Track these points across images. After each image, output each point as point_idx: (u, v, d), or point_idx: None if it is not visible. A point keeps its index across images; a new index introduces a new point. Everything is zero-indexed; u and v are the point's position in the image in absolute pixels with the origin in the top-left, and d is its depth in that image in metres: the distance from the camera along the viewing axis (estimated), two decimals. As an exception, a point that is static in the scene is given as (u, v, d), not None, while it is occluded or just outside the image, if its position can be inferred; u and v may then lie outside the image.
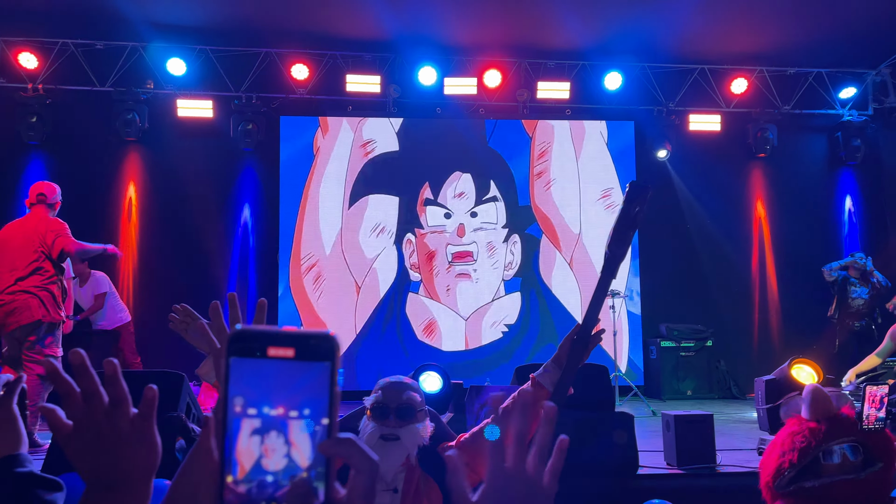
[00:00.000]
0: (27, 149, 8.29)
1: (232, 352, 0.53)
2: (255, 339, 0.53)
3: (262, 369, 0.53)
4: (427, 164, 8.84)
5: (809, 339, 8.24)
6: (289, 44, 8.44)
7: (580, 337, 1.86)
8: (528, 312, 8.76)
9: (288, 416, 0.53)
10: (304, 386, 0.53)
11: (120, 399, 0.75)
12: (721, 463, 3.75)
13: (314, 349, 0.53)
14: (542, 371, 2.04)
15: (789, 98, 9.20)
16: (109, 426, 0.74)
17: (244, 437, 0.53)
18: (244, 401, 0.53)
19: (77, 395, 0.74)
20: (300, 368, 0.53)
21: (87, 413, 0.74)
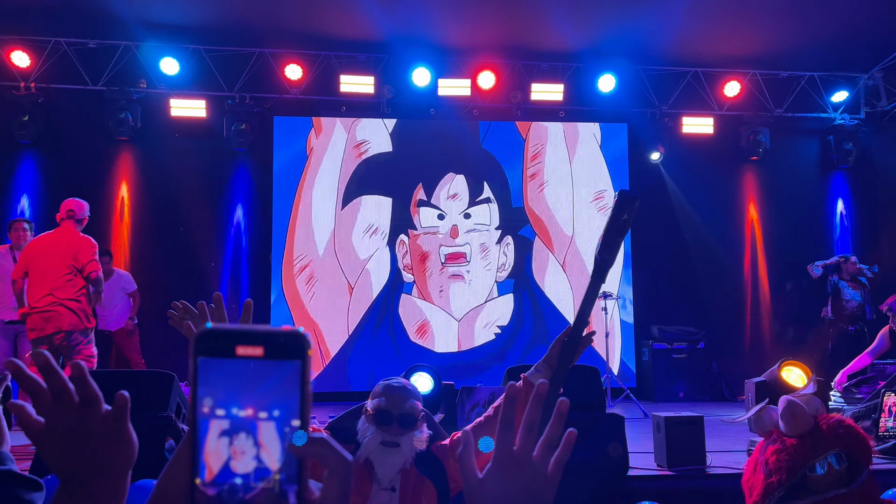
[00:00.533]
0: (19, 148, 8.26)
1: (199, 351, 0.52)
2: (223, 338, 0.52)
3: (230, 369, 0.52)
4: (420, 166, 8.84)
5: (801, 341, 8.28)
6: (282, 44, 8.42)
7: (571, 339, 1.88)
8: (520, 314, 8.76)
9: (257, 416, 0.52)
10: (274, 386, 0.52)
11: (90, 398, 0.76)
12: (711, 464, 3.76)
13: (284, 347, 0.52)
14: (533, 371, 2.06)
15: (782, 101, 9.23)
16: (80, 424, 0.75)
17: (213, 439, 0.52)
18: (213, 401, 0.52)
19: (46, 393, 0.75)
20: (270, 367, 0.52)
21: (56, 411, 0.75)
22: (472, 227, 8.82)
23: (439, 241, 8.75)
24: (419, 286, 8.68)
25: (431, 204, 8.80)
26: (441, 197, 8.83)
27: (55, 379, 0.75)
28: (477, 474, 0.79)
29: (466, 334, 8.67)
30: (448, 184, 8.86)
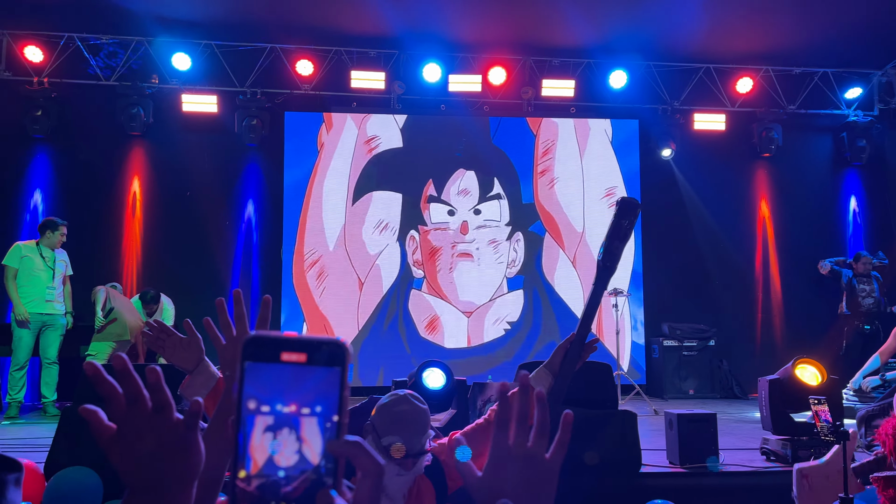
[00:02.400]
0: (32, 142, 8.30)
1: (247, 356, 0.56)
2: (269, 345, 0.56)
3: (274, 372, 0.56)
4: (431, 161, 8.84)
5: (813, 339, 8.23)
6: (294, 39, 8.43)
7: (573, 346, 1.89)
8: (530, 310, 8.76)
9: (299, 412, 0.55)
10: (315, 386, 0.56)
11: (163, 405, 0.74)
12: (724, 462, 3.75)
13: (325, 355, 0.56)
14: (534, 375, 2.06)
15: (795, 98, 9.18)
16: (152, 431, 0.74)
17: (257, 434, 0.55)
18: (258, 400, 0.55)
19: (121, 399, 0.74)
20: (311, 372, 0.56)
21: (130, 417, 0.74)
22: (482, 223, 8.81)
23: (450, 237, 8.75)
24: (429, 282, 8.69)
25: (441, 200, 8.80)
26: (451, 193, 8.83)
27: (131, 384, 0.74)
28: (476, 474, 0.82)
29: (476, 330, 8.67)
30: (458, 179, 8.85)
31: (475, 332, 8.67)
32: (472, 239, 8.78)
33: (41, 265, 6.27)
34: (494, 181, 8.90)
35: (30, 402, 6.94)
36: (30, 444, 4.68)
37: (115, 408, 0.74)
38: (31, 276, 6.21)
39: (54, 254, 6.42)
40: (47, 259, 6.33)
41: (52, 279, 6.30)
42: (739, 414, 6.70)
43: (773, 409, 3.85)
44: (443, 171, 8.85)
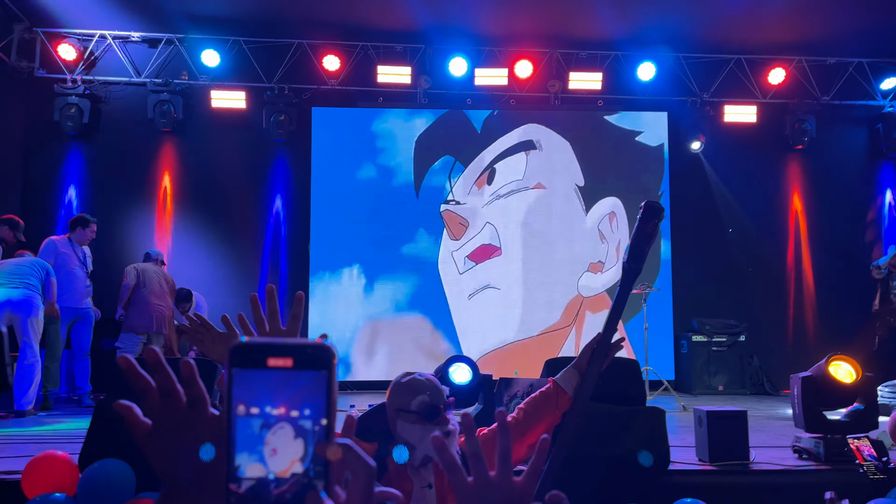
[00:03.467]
0: (66, 139, 8.47)
1: (234, 363, 0.56)
2: (255, 350, 0.56)
3: (262, 377, 0.56)
4: (459, 151, 8.84)
5: (847, 335, 8.08)
6: (321, 35, 8.47)
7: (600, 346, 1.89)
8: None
9: (288, 415, 0.56)
10: (303, 389, 0.56)
11: (197, 398, 0.73)
12: (755, 460, 3.69)
13: (311, 359, 0.56)
14: (562, 375, 2.07)
15: (829, 88, 8.99)
16: (187, 426, 0.73)
17: (247, 437, 0.56)
18: (246, 404, 0.56)
19: (155, 393, 0.73)
20: (299, 376, 0.56)
21: (164, 412, 0.73)
22: (514, 213, 8.79)
23: (477, 227, 8.74)
24: (459, 272, 8.70)
25: (470, 191, 8.80)
26: (469, 183, 8.81)
27: (164, 378, 0.72)
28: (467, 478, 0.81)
29: (501, 327, 8.67)
30: (478, 171, 8.84)
31: (498, 329, 8.68)
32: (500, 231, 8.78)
33: (76, 261, 6.42)
34: (524, 172, 8.86)
35: (65, 393, 7.09)
36: (65, 435, 4.78)
37: (150, 402, 0.73)
38: (69, 271, 6.36)
39: (84, 250, 6.58)
40: (79, 255, 6.48)
41: (86, 275, 6.45)
42: (770, 411, 6.61)
43: (805, 406, 3.78)
44: (468, 160, 8.86)
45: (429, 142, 8.88)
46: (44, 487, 3.08)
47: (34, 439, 4.70)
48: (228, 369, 0.56)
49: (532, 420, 2.08)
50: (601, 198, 8.91)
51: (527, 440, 2.08)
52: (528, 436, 2.08)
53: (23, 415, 5.70)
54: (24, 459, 3.31)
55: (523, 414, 2.12)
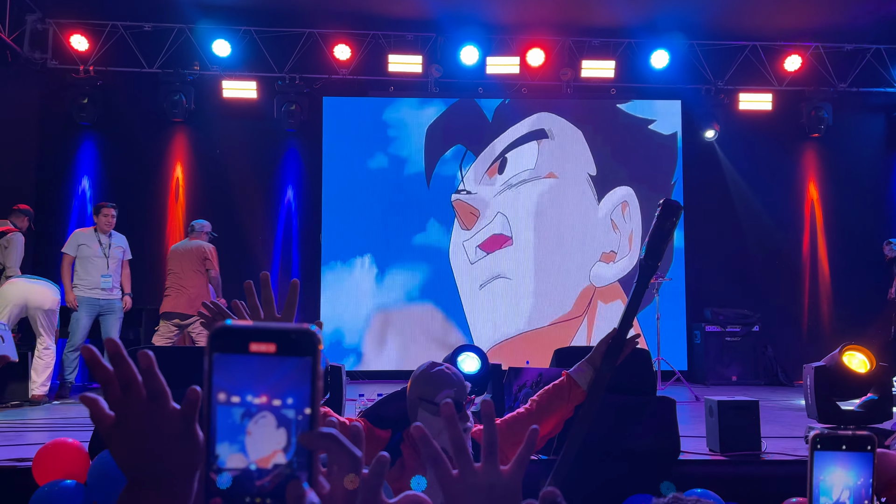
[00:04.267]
0: (79, 129, 8.51)
1: (214, 347, 0.54)
2: (237, 335, 0.54)
3: (244, 363, 0.54)
4: (470, 139, 8.80)
5: (862, 325, 7.98)
6: (331, 24, 8.45)
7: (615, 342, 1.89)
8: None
9: (270, 404, 0.54)
10: (286, 377, 0.54)
11: (157, 392, 0.71)
12: (766, 450, 3.66)
13: (295, 344, 0.54)
14: (576, 369, 2.06)
15: (846, 75, 8.85)
16: (149, 420, 0.71)
17: (227, 427, 0.54)
18: (227, 392, 0.54)
19: (116, 385, 0.71)
20: (282, 363, 0.54)
21: (125, 405, 0.71)
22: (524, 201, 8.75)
23: (489, 216, 8.71)
24: (471, 262, 8.68)
25: (482, 181, 8.77)
26: (480, 172, 8.78)
27: (124, 369, 0.71)
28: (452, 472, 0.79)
29: (514, 315, 8.65)
30: (489, 160, 8.80)
31: (512, 319, 8.66)
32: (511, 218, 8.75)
33: (98, 252, 6.44)
34: (535, 160, 8.82)
35: (80, 382, 7.15)
36: (76, 422, 4.82)
37: (111, 395, 0.71)
38: (88, 263, 6.40)
39: (110, 239, 6.56)
40: (104, 245, 6.49)
41: (106, 266, 6.46)
42: (784, 401, 6.55)
43: (818, 396, 3.74)
44: (479, 149, 8.82)
45: (440, 131, 8.84)
46: (54, 474, 3.10)
47: (45, 427, 4.75)
48: (209, 354, 0.54)
49: (544, 412, 2.09)
50: (613, 187, 8.84)
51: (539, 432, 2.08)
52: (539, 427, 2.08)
53: (36, 402, 5.75)
54: (35, 447, 3.34)
55: (536, 406, 2.12)
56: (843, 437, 0.91)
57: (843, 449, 0.91)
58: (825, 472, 0.90)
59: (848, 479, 0.90)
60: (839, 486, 0.90)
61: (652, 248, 1.70)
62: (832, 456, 0.91)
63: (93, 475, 3.07)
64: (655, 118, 8.96)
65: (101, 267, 6.43)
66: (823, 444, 0.91)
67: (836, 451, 0.91)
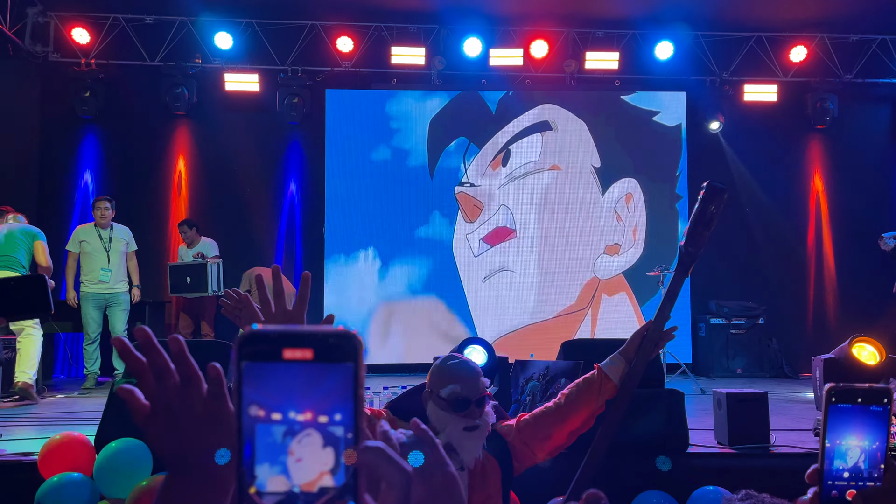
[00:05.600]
0: (81, 122, 8.48)
1: (244, 356, 0.48)
2: (269, 340, 0.48)
3: (278, 373, 0.48)
4: (472, 130, 8.76)
5: (869, 317, 7.95)
6: (334, 16, 8.40)
7: (651, 332, 1.82)
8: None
9: (311, 421, 0.49)
10: (325, 389, 0.48)
11: (189, 376, 0.70)
12: (775, 443, 3.64)
13: (335, 350, 0.48)
14: (608, 362, 2.01)
15: (851, 66, 8.79)
16: (182, 405, 0.70)
17: (265, 446, 0.49)
18: (261, 407, 0.48)
19: (149, 374, 0.70)
20: (320, 371, 0.48)
21: (160, 392, 0.70)
22: (527, 194, 8.72)
23: (492, 209, 8.68)
24: (475, 254, 8.66)
25: (485, 173, 8.74)
26: (484, 165, 8.74)
27: (156, 357, 0.69)
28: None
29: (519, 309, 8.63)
30: (493, 152, 8.76)
31: (518, 310, 8.65)
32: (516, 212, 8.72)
33: (98, 246, 6.45)
34: (538, 153, 8.78)
35: (102, 374, 7.14)
36: (82, 416, 4.80)
37: (146, 384, 0.70)
38: (89, 258, 6.44)
39: (111, 233, 6.56)
40: (104, 239, 6.49)
41: (107, 260, 6.46)
42: (790, 394, 6.53)
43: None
44: (482, 141, 8.78)
45: (443, 123, 8.80)
46: (61, 468, 3.09)
47: (52, 421, 4.74)
48: (238, 363, 0.49)
49: (574, 406, 2.03)
50: (618, 179, 8.80)
51: (567, 426, 2.04)
52: (568, 422, 2.03)
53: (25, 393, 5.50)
54: (41, 441, 3.33)
55: (565, 399, 2.06)
56: (859, 390, 0.86)
57: (859, 402, 0.86)
58: (839, 434, 0.87)
59: (863, 441, 0.87)
60: (854, 449, 0.87)
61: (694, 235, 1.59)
62: (847, 411, 0.87)
63: (99, 468, 3.06)
64: (660, 110, 8.91)
65: (101, 261, 6.44)
66: (839, 396, 0.86)
67: (851, 405, 0.86)
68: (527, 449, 2.08)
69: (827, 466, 0.87)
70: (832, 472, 0.87)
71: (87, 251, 6.42)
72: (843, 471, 0.87)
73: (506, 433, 2.11)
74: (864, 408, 0.86)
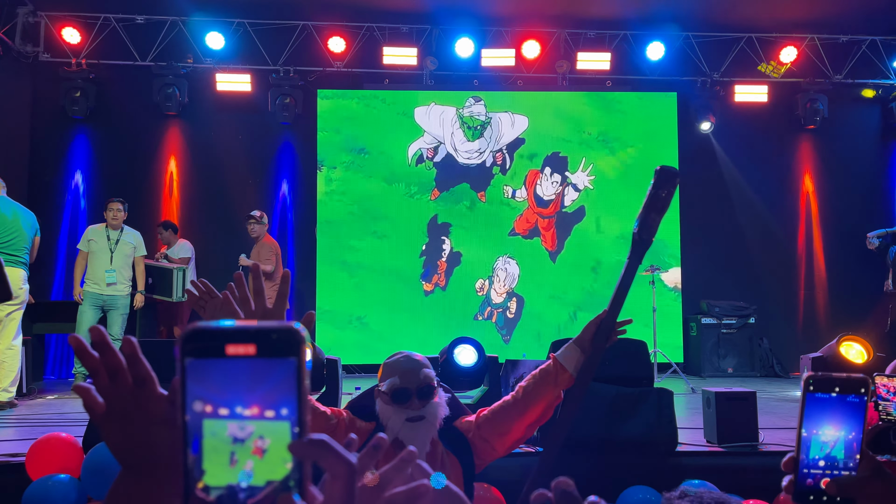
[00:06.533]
0: (72, 123, 8.44)
1: (186, 352, 0.49)
2: (212, 337, 0.49)
3: (221, 369, 0.49)
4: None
5: (858, 317, 7.99)
6: (326, 16, 8.39)
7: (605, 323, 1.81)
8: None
9: (258, 416, 0.49)
10: (270, 384, 0.49)
11: (143, 377, 0.71)
12: (763, 441, 3.66)
13: (277, 345, 0.49)
14: (563, 352, 1.98)
15: (841, 67, 8.84)
16: (135, 405, 0.70)
17: (210, 441, 0.49)
18: (206, 403, 0.49)
19: (104, 373, 0.71)
20: (264, 366, 0.49)
21: (113, 392, 0.71)
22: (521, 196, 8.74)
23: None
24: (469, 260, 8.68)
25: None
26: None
27: (109, 357, 0.70)
28: None
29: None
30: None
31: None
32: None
33: (104, 247, 6.42)
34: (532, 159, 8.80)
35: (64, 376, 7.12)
36: (69, 417, 4.79)
37: (101, 382, 0.71)
38: (94, 258, 6.40)
39: (120, 235, 6.53)
40: (111, 240, 6.47)
41: (110, 261, 6.43)
42: (780, 392, 6.56)
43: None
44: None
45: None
46: (48, 469, 3.08)
47: (39, 422, 4.72)
48: (181, 360, 0.49)
49: (531, 398, 2.00)
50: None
51: (526, 419, 2.02)
52: (526, 414, 2.01)
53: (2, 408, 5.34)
54: (28, 442, 3.31)
55: (523, 391, 2.03)
56: (836, 380, 0.87)
57: (837, 392, 0.87)
58: (815, 424, 0.88)
59: (840, 431, 0.87)
60: (831, 438, 0.88)
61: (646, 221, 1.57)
62: (824, 401, 0.87)
63: (86, 469, 3.05)
64: (651, 111, 8.93)
65: (104, 262, 6.41)
66: (817, 385, 0.87)
67: (828, 395, 0.87)
68: (486, 445, 2.07)
69: (803, 455, 0.88)
70: (808, 460, 0.88)
71: (93, 251, 6.41)
72: (819, 459, 0.88)
73: (465, 429, 2.10)
74: (842, 398, 0.87)
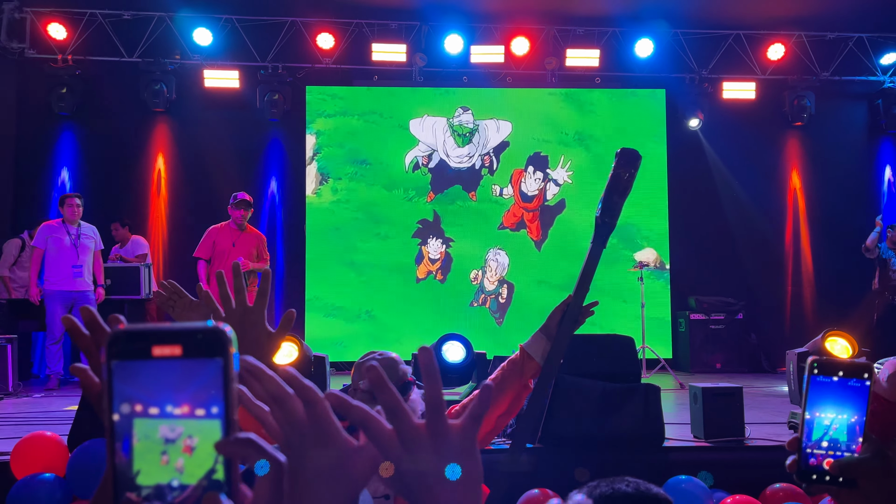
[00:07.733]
0: (58, 119, 8.38)
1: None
2: (137, 339, 0.49)
3: (148, 370, 0.49)
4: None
5: (845, 312, 8.05)
6: (314, 12, 8.36)
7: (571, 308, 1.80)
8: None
9: (187, 415, 0.49)
10: (198, 384, 0.49)
11: None
12: (750, 436, 3.68)
13: (204, 345, 0.49)
14: (530, 341, 1.96)
15: (828, 64, 8.89)
16: None
17: (137, 442, 0.49)
18: (135, 403, 0.49)
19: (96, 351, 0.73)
20: (191, 366, 0.49)
21: None
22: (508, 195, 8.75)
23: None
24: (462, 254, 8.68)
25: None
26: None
27: (100, 335, 0.72)
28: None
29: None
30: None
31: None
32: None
33: (67, 242, 6.36)
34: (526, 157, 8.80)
35: (66, 374, 7.07)
36: (54, 416, 4.76)
37: (93, 361, 0.72)
38: (57, 255, 6.32)
39: (80, 230, 6.47)
40: (72, 235, 6.40)
41: (76, 257, 6.38)
42: (768, 388, 6.59)
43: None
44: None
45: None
46: (33, 468, 3.06)
47: (24, 420, 4.69)
48: (107, 362, 0.49)
49: (500, 389, 1.99)
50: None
51: (496, 410, 2.01)
52: (496, 406, 2.01)
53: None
54: (13, 441, 3.29)
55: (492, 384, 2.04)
56: (840, 364, 0.88)
57: (840, 376, 0.88)
58: (819, 406, 0.88)
59: (842, 414, 0.88)
60: (834, 421, 0.89)
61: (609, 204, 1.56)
62: (827, 384, 0.88)
63: (72, 468, 3.03)
64: (640, 107, 8.95)
65: (70, 258, 6.35)
66: (821, 368, 0.88)
67: (831, 379, 0.88)
68: None
69: (806, 436, 0.89)
70: (811, 441, 0.89)
71: (54, 248, 6.32)
72: (822, 440, 0.89)
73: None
74: (844, 382, 0.88)
